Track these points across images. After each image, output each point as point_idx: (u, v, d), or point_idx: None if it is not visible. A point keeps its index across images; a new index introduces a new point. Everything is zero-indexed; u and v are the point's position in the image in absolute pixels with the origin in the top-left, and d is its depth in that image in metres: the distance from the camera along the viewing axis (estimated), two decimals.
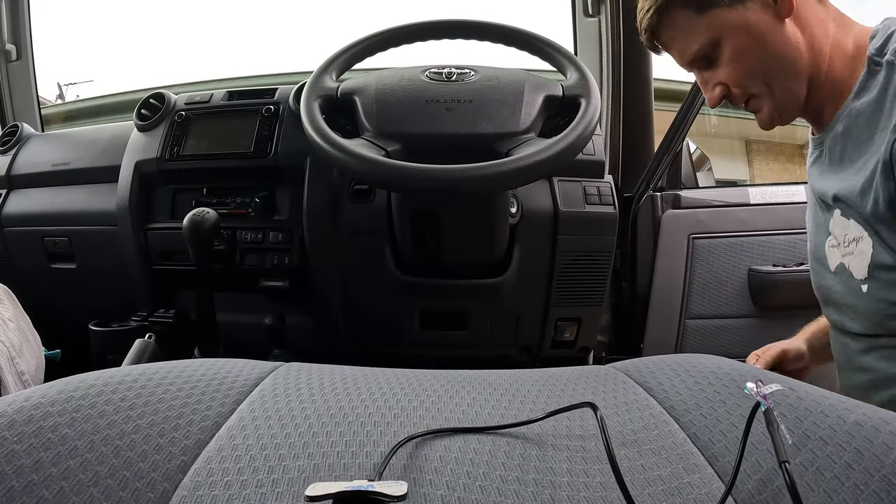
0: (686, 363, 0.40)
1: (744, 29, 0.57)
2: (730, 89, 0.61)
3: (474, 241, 0.77)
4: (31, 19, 1.35)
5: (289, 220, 0.87)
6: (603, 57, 1.11)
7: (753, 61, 0.58)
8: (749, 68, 0.59)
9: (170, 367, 0.37)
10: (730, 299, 1.07)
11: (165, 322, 0.87)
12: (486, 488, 0.26)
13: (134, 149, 0.93)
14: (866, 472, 0.24)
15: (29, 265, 1.05)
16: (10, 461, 0.25)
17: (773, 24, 0.57)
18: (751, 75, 0.59)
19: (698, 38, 0.60)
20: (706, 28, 0.59)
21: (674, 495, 0.26)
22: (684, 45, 0.61)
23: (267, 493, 0.26)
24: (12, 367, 0.62)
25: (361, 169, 0.57)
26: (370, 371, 0.41)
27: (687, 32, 0.60)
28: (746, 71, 0.59)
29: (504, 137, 0.61)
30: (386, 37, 0.71)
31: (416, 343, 0.92)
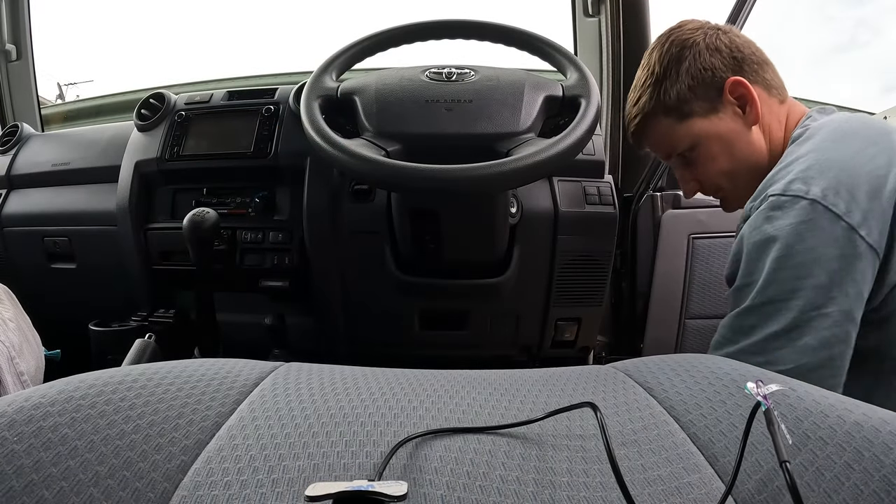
0: (686, 363, 0.40)
1: (716, 137, 0.66)
2: (702, 185, 0.71)
3: (474, 241, 0.77)
4: (31, 19, 1.35)
5: (289, 220, 0.87)
6: (603, 57, 1.11)
7: (723, 164, 0.67)
8: (719, 170, 0.68)
9: (170, 367, 0.37)
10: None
11: (165, 322, 0.87)
12: (486, 488, 0.26)
13: (134, 149, 0.93)
14: (866, 472, 0.24)
15: (29, 265, 1.05)
16: (10, 461, 0.25)
17: (741, 131, 0.66)
18: (720, 176, 0.69)
19: (677, 142, 0.69)
20: (684, 135, 0.68)
21: (674, 495, 0.26)
22: (665, 147, 0.71)
23: (267, 493, 0.26)
24: (12, 367, 0.62)
25: (361, 169, 0.57)
26: (370, 371, 0.41)
27: (668, 137, 0.70)
28: (717, 172, 0.68)
29: (504, 137, 0.61)
30: (386, 37, 0.71)
31: (416, 343, 0.92)
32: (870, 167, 0.53)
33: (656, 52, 0.70)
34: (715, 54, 0.66)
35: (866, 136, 0.56)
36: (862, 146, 0.55)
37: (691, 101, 0.66)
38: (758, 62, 0.66)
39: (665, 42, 0.69)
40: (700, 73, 0.66)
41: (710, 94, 0.66)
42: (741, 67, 0.65)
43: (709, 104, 0.66)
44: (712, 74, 0.65)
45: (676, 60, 0.67)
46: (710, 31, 0.67)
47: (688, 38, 0.67)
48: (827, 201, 0.51)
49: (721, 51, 0.66)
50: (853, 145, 0.55)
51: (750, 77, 0.65)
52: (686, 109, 0.67)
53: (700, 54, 0.66)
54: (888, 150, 0.54)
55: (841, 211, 0.51)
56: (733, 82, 0.64)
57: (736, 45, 0.66)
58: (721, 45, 0.66)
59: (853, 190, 0.51)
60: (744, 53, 0.66)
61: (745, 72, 0.65)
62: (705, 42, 0.66)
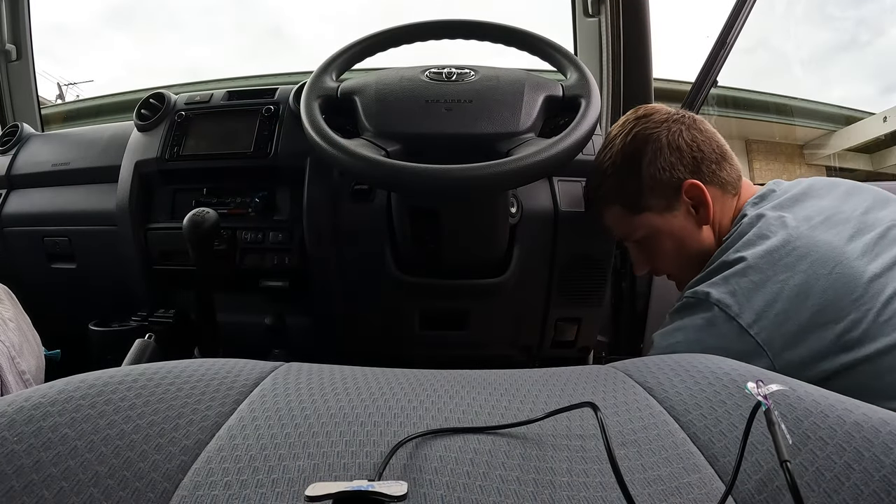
0: (686, 363, 0.40)
1: (668, 232, 0.69)
2: (654, 269, 0.76)
3: (474, 241, 0.77)
4: (31, 19, 1.35)
5: (289, 220, 0.87)
6: (603, 57, 1.12)
7: (673, 256, 0.71)
8: (670, 261, 0.72)
9: (170, 367, 0.37)
10: None
11: (165, 322, 0.87)
12: (486, 488, 0.26)
13: (134, 149, 0.93)
14: (866, 473, 0.24)
15: (29, 265, 1.05)
16: (10, 461, 0.25)
17: (692, 229, 0.68)
18: (670, 266, 0.73)
19: (632, 231, 0.72)
20: (638, 226, 0.71)
21: (674, 495, 0.26)
22: (620, 232, 0.75)
23: (267, 493, 0.26)
24: (13, 366, 0.62)
25: (361, 169, 0.57)
26: (370, 371, 0.41)
27: (623, 225, 0.73)
28: (667, 262, 0.73)
29: (504, 137, 0.61)
30: (386, 37, 0.71)
31: (416, 343, 0.92)
32: (784, 276, 0.56)
33: (619, 141, 0.70)
34: (675, 153, 0.67)
35: (800, 259, 0.57)
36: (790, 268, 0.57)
37: (648, 197, 0.68)
38: (716, 160, 0.67)
39: (629, 134, 0.69)
40: (659, 172, 0.67)
41: (666, 192, 0.67)
42: (699, 168, 0.66)
43: (664, 202, 0.68)
44: (670, 175, 0.67)
45: (637, 156, 0.68)
46: (674, 127, 0.68)
47: (651, 133, 0.68)
48: (722, 304, 0.57)
49: (682, 150, 0.67)
50: (782, 269, 0.57)
51: (707, 178, 0.66)
52: (642, 204, 0.69)
53: (661, 153, 0.67)
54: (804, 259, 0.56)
55: (734, 312, 0.56)
56: (690, 185, 0.66)
57: (697, 144, 0.67)
58: (682, 144, 0.67)
59: (750, 293, 0.56)
60: (703, 153, 0.67)
61: (703, 173, 0.66)
62: (667, 139, 0.67)
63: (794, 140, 7.05)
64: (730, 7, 1.00)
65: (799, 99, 6.69)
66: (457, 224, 0.73)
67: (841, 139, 6.78)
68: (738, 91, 5.99)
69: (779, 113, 6.52)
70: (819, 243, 0.57)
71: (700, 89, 1.04)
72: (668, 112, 0.70)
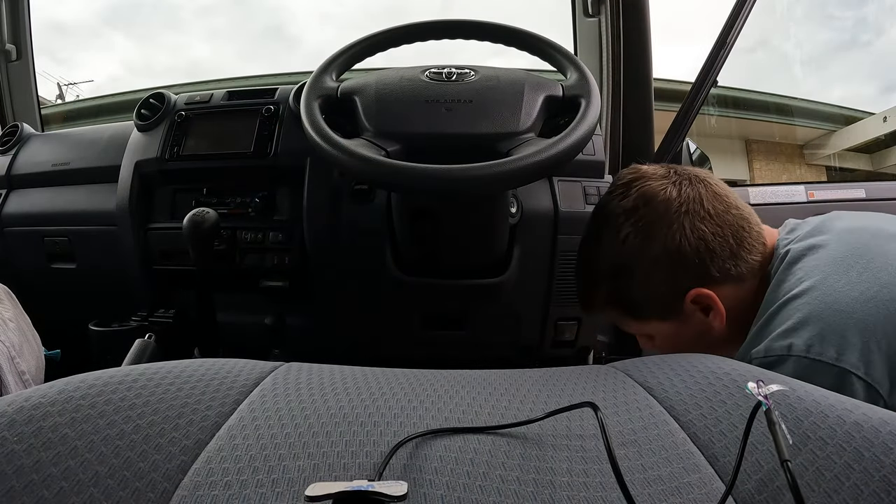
0: (686, 363, 0.40)
1: (675, 335, 0.61)
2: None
3: (474, 241, 0.77)
4: (31, 19, 1.35)
5: (289, 220, 0.87)
6: (603, 57, 1.11)
7: (688, 348, 0.59)
8: (684, 351, 0.62)
9: (170, 367, 0.37)
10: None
11: (165, 322, 0.87)
12: (486, 488, 0.26)
13: (134, 149, 0.94)
14: (866, 473, 0.24)
15: (29, 265, 1.05)
16: (10, 461, 0.25)
17: (703, 330, 0.59)
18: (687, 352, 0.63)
19: (634, 329, 0.65)
20: (640, 328, 0.64)
21: (674, 495, 0.26)
22: (624, 328, 0.66)
23: (267, 493, 0.26)
24: (13, 366, 0.62)
25: (361, 169, 0.57)
26: (370, 371, 0.41)
27: (623, 323, 0.65)
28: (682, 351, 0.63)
29: (504, 137, 0.61)
30: (386, 37, 0.71)
31: (416, 343, 0.92)
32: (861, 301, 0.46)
33: (610, 236, 0.59)
34: (677, 261, 0.56)
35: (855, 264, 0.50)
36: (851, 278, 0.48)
37: (649, 306, 0.60)
38: (730, 254, 0.56)
39: (620, 230, 0.59)
40: (658, 285, 0.58)
41: (668, 302, 0.58)
42: (707, 272, 0.56)
43: (667, 310, 0.59)
44: (672, 286, 0.57)
45: (632, 262, 0.58)
46: (675, 223, 0.56)
47: (648, 234, 0.57)
48: (812, 353, 0.45)
49: (685, 255, 0.56)
50: (840, 279, 0.49)
51: (718, 280, 0.56)
52: (642, 312, 0.61)
53: (658, 262, 0.57)
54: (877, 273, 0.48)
55: (831, 359, 0.45)
56: (695, 295, 0.56)
57: (705, 242, 0.55)
58: (685, 248, 0.56)
59: (843, 331, 0.45)
60: (714, 251, 0.55)
61: (713, 276, 0.56)
62: (665, 245, 0.56)
63: (794, 140, 7.06)
64: (730, 6, 1.00)
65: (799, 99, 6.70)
66: (457, 224, 0.73)
67: (841, 139, 6.78)
68: (738, 91, 6.00)
69: (779, 113, 6.53)
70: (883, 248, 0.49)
71: (700, 89, 1.04)
72: (668, 197, 0.57)
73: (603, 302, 0.64)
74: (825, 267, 0.51)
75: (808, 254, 0.53)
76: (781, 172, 6.92)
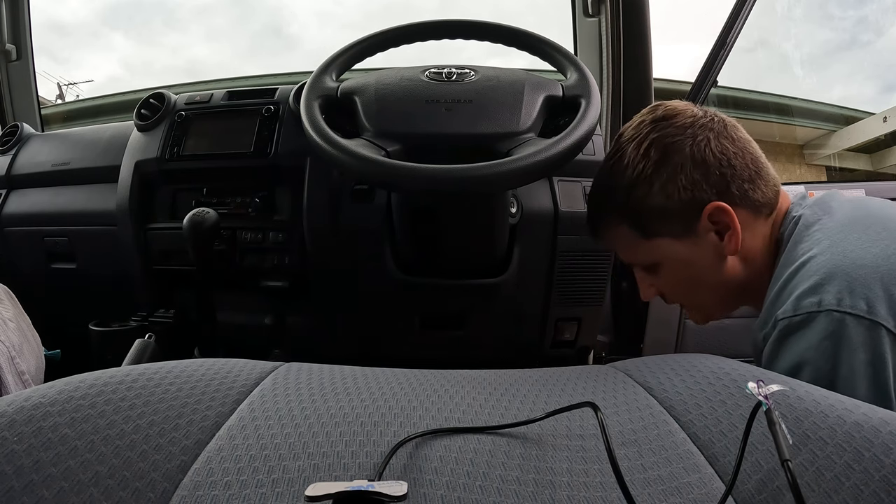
0: (686, 363, 0.40)
1: (684, 261, 0.59)
2: (664, 295, 0.65)
3: (474, 241, 0.77)
4: (31, 19, 1.35)
5: (289, 220, 0.87)
6: (603, 57, 1.11)
7: (688, 287, 0.61)
8: (685, 290, 0.62)
9: (170, 367, 0.37)
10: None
11: (165, 322, 0.87)
12: (486, 488, 0.26)
13: (134, 149, 0.93)
14: (866, 473, 0.24)
15: (29, 265, 1.05)
16: (10, 461, 0.25)
17: (714, 260, 0.58)
18: (685, 295, 0.63)
19: (640, 256, 0.62)
20: (649, 250, 0.60)
21: (674, 495, 0.26)
22: (626, 253, 0.64)
23: (267, 493, 0.26)
24: (12, 366, 0.62)
25: (361, 169, 0.57)
26: (370, 371, 0.41)
27: (630, 248, 0.62)
28: (682, 291, 0.63)
29: (504, 137, 0.61)
30: (386, 37, 0.71)
31: (416, 343, 0.92)
32: (883, 256, 0.47)
33: (632, 149, 0.58)
34: (700, 169, 0.55)
35: (872, 225, 0.50)
36: (870, 236, 0.49)
37: (663, 220, 0.57)
38: (749, 177, 0.56)
39: (644, 141, 0.58)
40: (679, 192, 0.56)
41: (686, 215, 0.56)
42: (727, 188, 0.55)
43: (682, 227, 0.57)
44: (692, 195, 0.56)
45: (654, 169, 0.57)
46: (700, 135, 0.56)
47: (672, 142, 0.56)
48: (843, 306, 0.44)
49: (708, 165, 0.55)
50: (860, 237, 0.49)
51: (736, 199, 0.55)
52: (655, 227, 0.58)
53: (682, 168, 0.56)
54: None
55: (863, 311, 0.44)
56: (715, 208, 0.55)
57: (727, 158, 0.55)
58: (710, 158, 0.55)
59: (869, 284, 0.45)
60: (735, 168, 0.55)
61: (732, 194, 0.55)
62: (691, 151, 0.56)
63: (794, 140, 7.05)
64: (730, 6, 1.00)
65: (799, 99, 6.70)
66: (457, 224, 0.73)
67: (841, 139, 6.78)
68: (738, 91, 6.00)
69: (779, 113, 6.53)
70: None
71: (700, 89, 1.04)
72: (694, 114, 0.58)
73: (615, 217, 0.61)
74: (842, 228, 0.51)
75: (822, 217, 0.53)
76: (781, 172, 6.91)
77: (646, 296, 0.66)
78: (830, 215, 0.53)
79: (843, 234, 0.50)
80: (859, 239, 0.49)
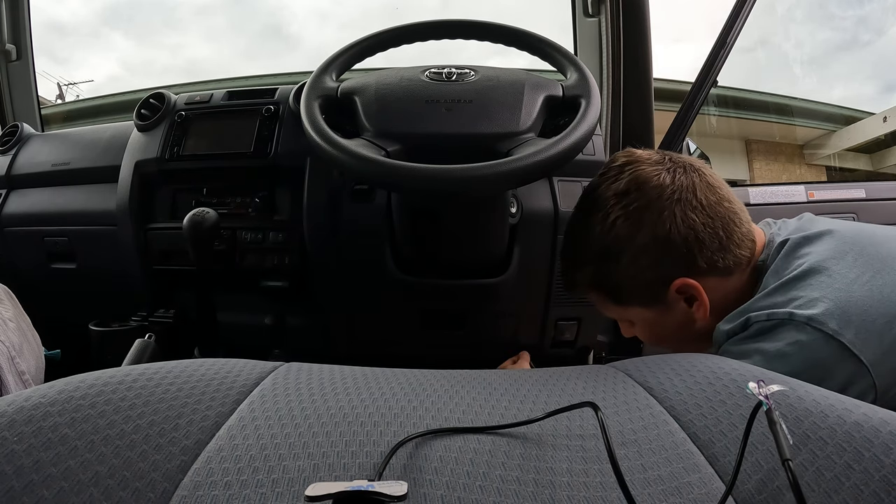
0: (686, 363, 0.40)
1: (658, 324, 0.62)
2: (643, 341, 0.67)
3: (474, 241, 0.77)
4: (31, 19, 1.35)
5: (289, 220, 0.87)
6: (603, 57, 1.12)
7: (664, 338, 0.64)
8: (660, 341, 0.65)
9: (170, 367, 0.37)
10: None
11: (165, 322, 0.87)
12: (486, 488, 0.26)
13: (134, 149, 0.94)
14: (866, 473, 0.24)
15: (29, 265, 1.05)
16: (10, 461, 0.25)
17: (684, 322, 0.60)
18: (661, 343, 0.65)
19: (614, 314, 0.65)
20: (622, 313, 0.64)
21: (674, 495, 0.26)
22: (605, 312, 0.66)
23: (267, 493, 0.26)
24: (12, 366, 0.62)
25: (361, 169, 0.57)
26: (370, 371, 0.41)
27: (606, 308, 0.65)
28: (657, 341, 0.65)
29: (504, 137, 0.61)
30: (386, 37, 0.71)
31: (416, 343, 0.92)
32: (861, 282, 0.49)
33: (599, 219, 0.58)
34: (664, 247, 0.55)
35: (849, 250, 0.53)
36: (848, 261, 0.51)
37: (631, 292, 0.59)
38: (719, 246, 0.55)
39: (608, 217, 0.57)
40: (644, 270, 0.57)
41: (653, 289, 0.58)
42: (695, 263, 0.55)
43: (650, 298, 0.59)
44: (657, 273, 0.56)
45: (619, 248, 0.57)
46: (667, 211, 0.55)
47: (639, 218, 0.56)
48: (814, 322, 0.47)
49: (673, 244, 0.55)
50: (851, 270, 0.51)
51: (704, 272, 0.56)
52: (624, 297, 0.60)
53: (646, 248, 0.56)
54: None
55: (831, 330, 0.46)
56: (680, 285, 0.56)
57: (695, 232, 0.55)
58: (675, 236, 0.55)
59: (846, 309, 0.47)
60: (703, 242, 0.55)
61: (700, 267, 0.55)
62: (655, 230, 0.55)
63: (794, 140, 7.06)
64: (730, 6, 1.00)
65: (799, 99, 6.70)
66: (457, 224, 0.73)
67: (841, 139, 6.78)
68: (738, 91, 6.00)
69: (779, 113, 6.53)
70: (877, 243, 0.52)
71: (700, 89, 1.04)
72: (661, 183, 0.56)
73: (587, 284, 0.63)
74: (825, 252, 0.53)
75: (804, 243, 0.55)
76: (781, 172, 6.92)
77: (626, 334, 0.68)
78: (812, 242, 0.55)
79: (823, 258, 0.52)
80: (838, 265, 0.51)
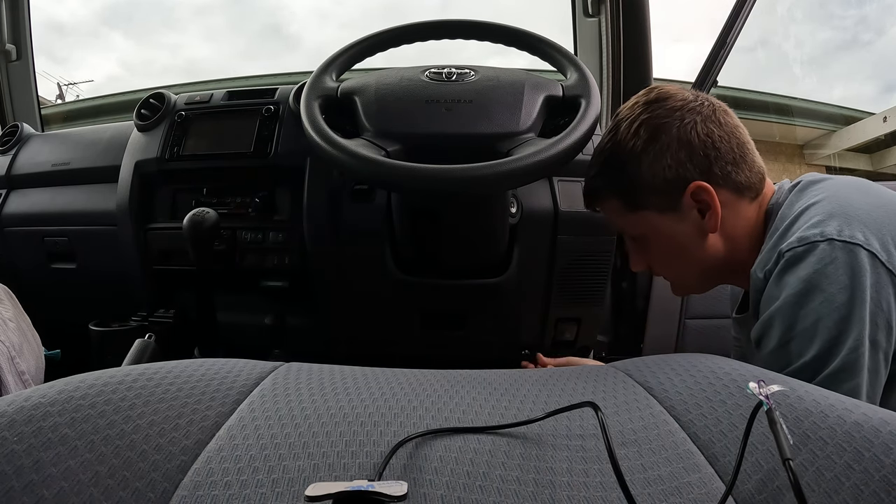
0: (686, 363, 0.40)
1: (668, 236, 0.63)
2: (651, 268, 0.69)
3: (474, 241, 0.77)
4: (31, 19, 1.35)
5: (289, 220, 0.87)
6: (603, 57, 1.12)
7: (672, 261, 0.66)
8: (668, 265, 0.67)
9: (170, 367, 0.37)
10: (730, 299, 1.07)
11: (165, 322, 0.87)
12: (486, 488, 0.26)
13: (134, 149, 0.94)
14: (867, 473, 0.24)
15: (29, 265, 1.05)
16: (10, 461, 0.25)
17: (696, 236, 0.62)
18: (669, 268, 0.68)
19: (627, 227, 0.67)
20: (635, 223, 0.65)
21: (674, 495, 0.26)
22: (616, 223, 0.69)
23: (267, 493, 0.26)
24: (12, 367, 0.62)
25: (361, 169, 0.57)
26: (370, 371, 0.41)
27: (618, 218, 0.67)
28: (666, 265, 0.68)
29: (504, 137, 0.61)
30: (386, 37, 0.71)
31: (416, 343, 0.92)
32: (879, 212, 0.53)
33: (624, 128, 0.62)
34: (684, 149, 0.59)
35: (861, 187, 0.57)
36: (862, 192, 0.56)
37: (648, 194, 0.61)
38: (733, 160, 0.59)
39: (635, 121, 0.62)
40: (664, 170, 0.60)
41: (669, 192, 0.60)
42: (710, 169, 0.59)
43: (666, 202, 0.61)
44: (676, 173, 0.59)
45: (642, 148, 0.60)
46: (688, 118, 0.59)
47: (660, 123, 0.60)
48: (843, 236, 0.50)
49: (692, 146, 0.59)
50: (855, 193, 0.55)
51: (719, 181, 0.59)
52: (640, 201, 0.62)
53: (668, 147, 0.59)
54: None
55: (860, 241, 0.49)
56: (696, 187, 0.59)
57: (712, 140, 0.59)
58: (694, 139, 0.59)
59: (867, 223, 0.51)
60: (719, 150, 0.59)
61: (714, 175, 0.59)
62: (678, 132, 0.59)
63: (794, 140, 7.06)
64: (730, 6, 1.00)
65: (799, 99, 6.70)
66: (457, 224, 0.73)
67: (841, 139, 6.78)
68: (738, 91, 6.00)
69: (779, 113, 6.53)
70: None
71: (700, 89, 1.04)
72: (685, 98, 0.61)
73: (606, 189, 0.66)
74: (833, 188, 0.56)
75: (816, 182, 0.59)
76: (782, 172, 6.93)
77: (635, 266, 0.71)
78: (820, 182, 0.59)
79: (836, 190, 0.56)
80: (850, 194, 0.55)
